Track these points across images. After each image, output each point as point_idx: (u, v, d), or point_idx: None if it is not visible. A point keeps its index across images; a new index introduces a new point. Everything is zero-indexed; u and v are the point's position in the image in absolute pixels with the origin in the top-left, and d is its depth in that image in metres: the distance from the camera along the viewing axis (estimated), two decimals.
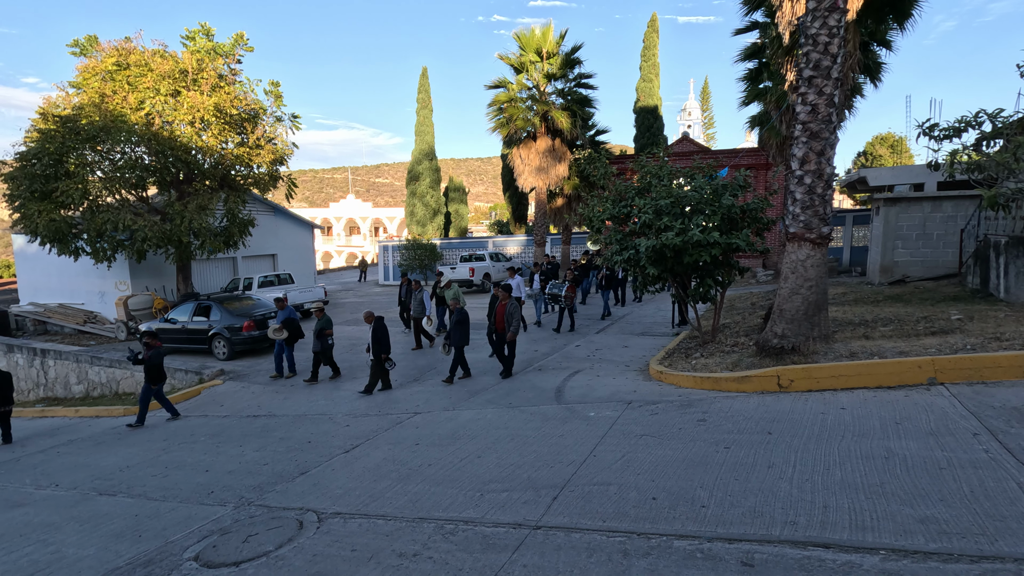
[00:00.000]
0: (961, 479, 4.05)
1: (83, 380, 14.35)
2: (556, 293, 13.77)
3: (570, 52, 20.83)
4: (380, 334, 9.84)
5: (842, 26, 7.33)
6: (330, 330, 11.09)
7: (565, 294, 13.34)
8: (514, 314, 9.67)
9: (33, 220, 15.31)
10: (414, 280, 13.70)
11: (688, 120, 59.84)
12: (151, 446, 8.56)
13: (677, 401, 6.92)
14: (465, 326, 9.80)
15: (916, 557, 3.23)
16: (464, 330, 9.78)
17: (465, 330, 9.79)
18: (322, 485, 5.79)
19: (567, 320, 13.65)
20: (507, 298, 9.82)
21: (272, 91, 18.22)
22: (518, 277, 13.80)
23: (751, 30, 15.68)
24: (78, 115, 15.32)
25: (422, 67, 39.83)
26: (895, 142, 43.88)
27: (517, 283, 13.55)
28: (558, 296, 13.63)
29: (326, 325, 11.03)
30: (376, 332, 9.85)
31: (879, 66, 14.39)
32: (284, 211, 25.73)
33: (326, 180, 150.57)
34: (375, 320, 10.05)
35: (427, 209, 40.05)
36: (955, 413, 5.28)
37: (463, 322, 9.77)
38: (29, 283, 22.82)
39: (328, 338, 11.04)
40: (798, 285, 7.57)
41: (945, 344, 6.85)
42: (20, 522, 6.06)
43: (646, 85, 33.80)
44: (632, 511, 4.24)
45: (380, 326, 9.94)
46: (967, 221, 14.05)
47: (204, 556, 4.57)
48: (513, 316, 9.66)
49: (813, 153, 7.47)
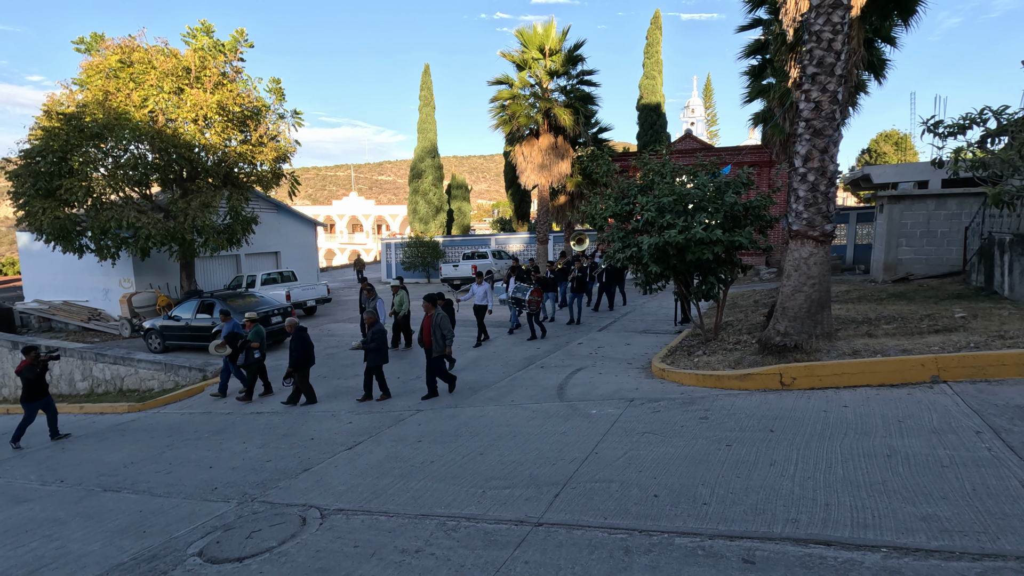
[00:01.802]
0: (963, 477, 4.04)
1: (88, 377, 14.42)
2: (519, 298, 12.60)
3: (572, 49, 20.78)
4: (294, 345, 9.33)
5: (846, 22, 7.30)
6: (257, 343, 10.38)
7: (529, 298, 12.32)
8: (443, 326, 8.72)
9: (37, 218, 15.37)
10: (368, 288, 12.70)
11: (691, 117, 59.72)
12: (155, 442, 8.60)
13: (679, 399, 6.93)
14: (380, 353, 9.05)
15: (918, 555, 3.23)
16: (379, 356, 9.04)
17: (380, 355, 9.06)
18: (325, 481, 5.81)
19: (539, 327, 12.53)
20: (432, 309, 8.91)
21: (274, 88, 18.23)
22: (485, 284, 12.66)
23: (755, 27, 15.64)
24: (82, 113, 15.36)
25: (424, 64, 39.78)
26: (899, 139, 43.67)
27: (483, 291, 12.54)
28: (521, 301, 12.53)
29: (253, 337, 10.38)
30: (291, 343, 9.37)
31: (883, 63, 14.33)
32: (287, 209, 25.77)
33: (329, 178, 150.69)
34: (295, 331, 9.51)
35: (430, 207, 40.05)
36: (958, 411, 5.27)
37: (378, 350, 9.02)
38: (34, 280, 22.92)
39: (255, 351, 10.36)
40: (801, 283, 7.56)
41: (948, 342, 6.83)
42: (26, 517, 6.10)
43: (649, 82, 33.70)
44: (634, 508, 4.25)
45: (297, 337, 9.41)
46: (971, 219, 13.99)
47: (208, 552, 4.60)
48: (442, 328, 8.70)
49: (816, 150, 7.44)
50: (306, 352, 9.49)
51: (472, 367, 10.37)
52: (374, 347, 9.01)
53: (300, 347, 9.40)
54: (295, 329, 9.55)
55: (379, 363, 9.08)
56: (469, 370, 10.16)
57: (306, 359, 9.50)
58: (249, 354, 10.45)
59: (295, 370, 9.45)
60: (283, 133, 18.56)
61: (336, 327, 16.66)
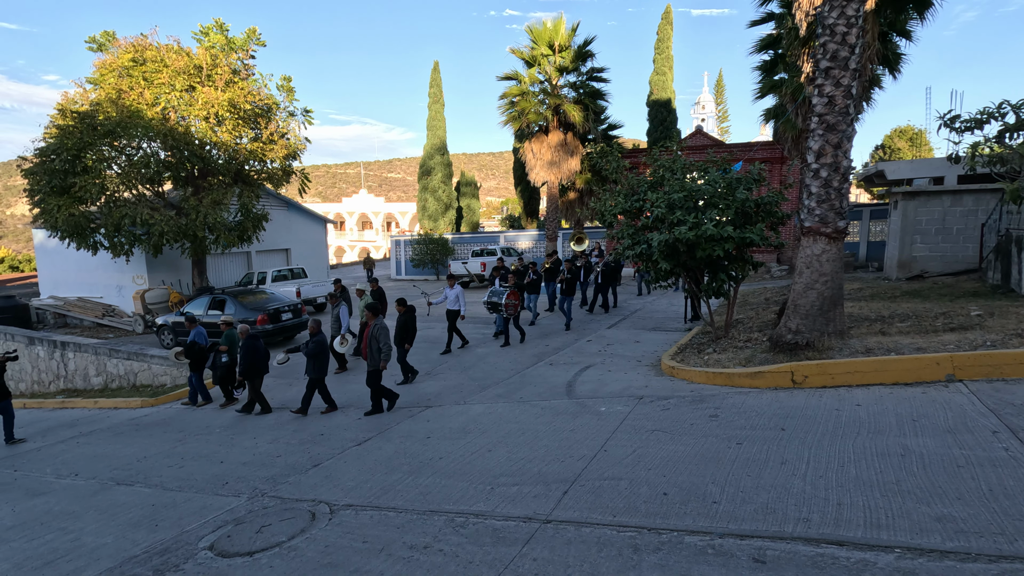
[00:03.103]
0: (980, 477, 3.98)
1: (102, 372, 14.60)
2: (495, 302, 11.52)
3: (582, 45, 20.68)
4: (244, 353, 9.04)
5: (860, 16, 7.19)
6: (225, 347, 10.01)
7: (505, 302, 11.32)
8: (380, 338, 8.04)
9: (53, 215, 15.58)
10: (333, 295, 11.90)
11: (702, 113, 59.23)
12: (167, 437, 8.70)
13: (689, 396, 6.88)
14: (321, 359, 8.56)
15: (932, 556, 3.18)
16: (319, 363, 8.54)
17: (321, 363, 8.56)
18: (334, 477, 5.84)
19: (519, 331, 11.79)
20: (373, 319, 8.27)
21: (284, 86, 18.32)
22: (457, 287, 11.59)
23: (767, 21, 15.48)
24: (95, 111, 15.53)
25: (434, 61, 39.79)
26: (914, 135, 43.03)
27: (455, 295, 11.48)
28: (497, 305, 11.48)
29: (224, 341, 10.06)
30: (241, 350, 9.11)
31: (898, 57, 14.12)
32: (297, 206, 25.92)
33: (339, 175, 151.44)
34: (246, 337, 9.20)
35: (439, 204, 40.08)
36: (974, 410, 5.18)
37: (318, 354, 8.51)
38: (49, 277, 23.26)
39: (222, 355, 10.00)
40: (813, 280, 7.47)
41: (964, 340, 6.72)
42: (41, 510, 6.19)
43: (659, 78, 33.46)
44: (643, 506, 4.23)
45: (247, 344, 9.11)
46: (988, 215, 13.76)
47: (219, 546, 4.64)
48: (379, 341, 8.03)
49: (829, 146, 7.35)
50: (256, 359, 9.13)
51: (479, 364, 10.37)
52: (313, 353, 8.48)
53: (248, 354, 9.08)
54: (246, 336, 9.24)
55: (320, 375, 8.62)
56: (476, 367, 10.17)
57: (257, 367, 9.14)
58: (217, 357, 10.22)
59: (245, 378, 9.17)
60: (293, 131, 18.67)
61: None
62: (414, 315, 9.96)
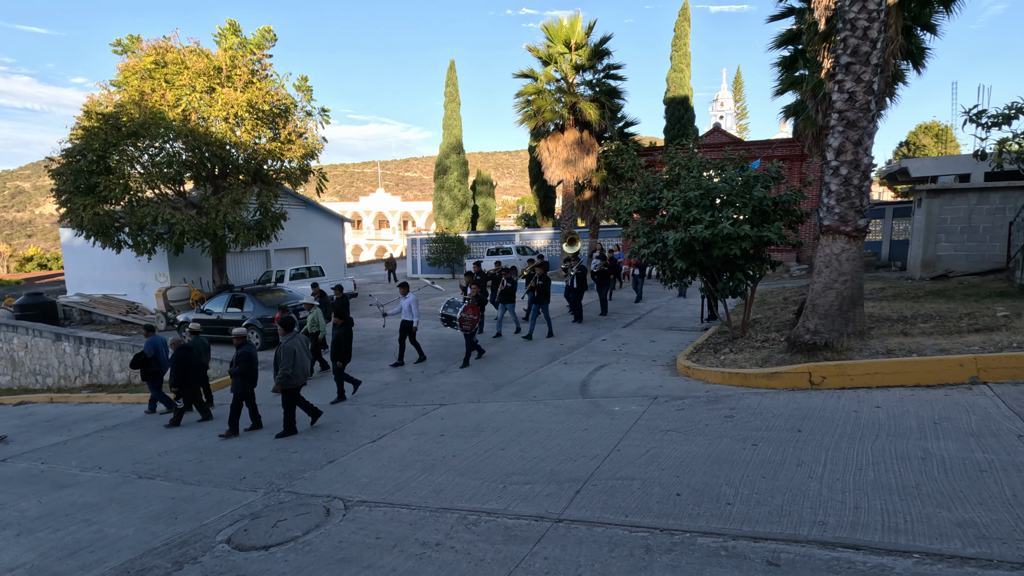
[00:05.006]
0: (1003, 482, 3.88)
1: (125, 368, 14.93)
2: (450, 315, 10.32)
3: (599, 43, 20.55)
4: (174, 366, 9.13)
5: (882, 10, 7.04)
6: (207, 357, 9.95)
7: (461, 315, 10.10)
8: (280, 357, 7.52)
9: (79, 214, 15.97)
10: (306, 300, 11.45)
11: (720, 111, 58.56)
12: (187, 431, 8.87)
13: (704, 397, 6.81)
14: (249, 376, 8.20)
15: (952, 562, 3.11)
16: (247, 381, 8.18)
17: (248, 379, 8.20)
18: (349, 473, 5.90)
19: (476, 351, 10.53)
20: (284, 334, 7.70)
21: (301, 86, 18.52)
22: (411, 296, 10.69)
23: (786, 16, 15.22)
24: (119, 112, 15.87)
25: (450, 60, 39.84)
26: (940, 131, 42.00)
27: (408, 304, 10.62)
28: (452, 319, 10.27)
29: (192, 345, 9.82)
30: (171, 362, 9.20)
31: (923, 51, 13.77)
32: (315, 205, 26.20)
33: (356, 174, 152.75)
34: (176, 349, 9.22)
35: (455, 203, 40.21)
36: (998, 414, 5.05)
37: (246, 373, 8.14)
38: (76, 275, 23.86)
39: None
40: (832, 279, 7.34)
41: (989, 342, 6.55)
42: (66, 502, 6.36)
43: (677, 75, 33.14)
44: (655, 507, 4.20)
45: (176, 357, 9.15)
46: (1016, 213, 13.39)
47: (236, 539, 4.72)
48: (280, 360, 7.50)
49: (850, 143, 7.21)
50: (185, 372, 9.23)
51: (493, 363, 10.38)
52: (238, 371, 8.18)
53: (177, 366, 9.21)
54: (177, 347, 9.32)
55: (248, 390, 8.33)
56: (489, 366, 10.19)
57: (186, 379, 9.27)
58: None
59: (178, 388, 9.25)
60: (311, 130, 18.86)
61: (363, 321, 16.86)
62: (350, 329, 9.49)
